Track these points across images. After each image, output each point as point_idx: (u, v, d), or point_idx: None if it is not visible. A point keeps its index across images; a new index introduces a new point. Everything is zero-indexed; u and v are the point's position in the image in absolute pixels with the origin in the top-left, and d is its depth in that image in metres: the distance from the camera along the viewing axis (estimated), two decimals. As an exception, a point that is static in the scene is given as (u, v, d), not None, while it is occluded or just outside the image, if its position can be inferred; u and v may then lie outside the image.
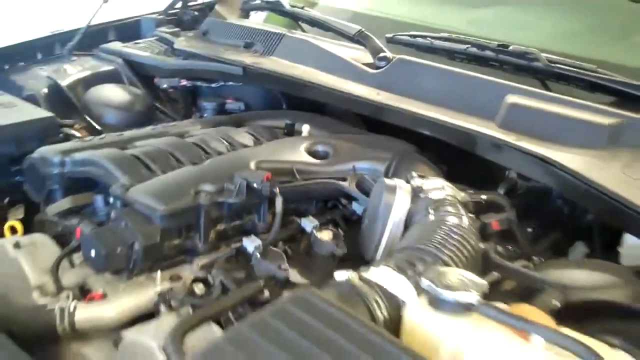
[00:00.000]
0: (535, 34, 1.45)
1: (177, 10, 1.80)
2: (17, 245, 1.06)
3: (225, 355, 0.69)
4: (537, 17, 1.51)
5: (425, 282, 0.79)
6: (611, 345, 0.77)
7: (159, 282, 1.01)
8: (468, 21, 1.54)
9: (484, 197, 1.09)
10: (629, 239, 1.03)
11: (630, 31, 1.36)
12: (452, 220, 0.95)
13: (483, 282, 0.79)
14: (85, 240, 0.99)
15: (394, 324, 0.80)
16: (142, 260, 0.99)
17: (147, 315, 0.97)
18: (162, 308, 0.96)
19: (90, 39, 1.66)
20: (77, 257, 1.09)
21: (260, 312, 0.75)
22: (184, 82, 1.54)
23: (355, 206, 1.14)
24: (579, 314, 0.83)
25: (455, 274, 0.80)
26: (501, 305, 0.79)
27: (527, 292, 0.92)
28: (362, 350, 0.68)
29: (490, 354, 0.73)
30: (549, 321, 0.79)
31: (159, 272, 1.01)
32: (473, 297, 0.77)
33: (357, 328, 0.72)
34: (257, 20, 1.83)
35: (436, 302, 0.78)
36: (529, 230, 1.14)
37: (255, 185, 1.03)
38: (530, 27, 1.50)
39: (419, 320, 0.78)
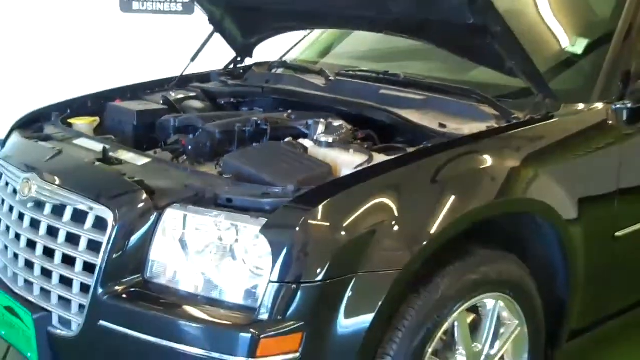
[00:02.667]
0: (416, 69, 2.75)
1: (231, 69, 3.19)
2: (155, 152, 2.40)
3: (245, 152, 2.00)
4: (415, 62, 2.85)
5: (316, 136, 2.10)
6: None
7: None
8: (380, 67, 2.87)
9: (364, 131, 2.37)
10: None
11: (454, 66, 2.66)
12: (339, 130, 2.25)
13: (336, 137, 2.10)
14: (187, 141, 2.31)
15: (305, 155, 2.10)
16: (210, 152, 2.30)
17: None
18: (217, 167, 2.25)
19: (183, 82, 3.05)
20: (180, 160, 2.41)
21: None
22: (232, 100, 2.90)
23: (308, 140, 2.44)
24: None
25: (325, 135, 2.11)
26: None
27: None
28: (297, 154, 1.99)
29: (333, 154, 2.02)
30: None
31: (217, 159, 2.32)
32: (331, 140, 2.07)
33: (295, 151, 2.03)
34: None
35: (320, 144, 2.09)
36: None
37: (259, 122, 2.34)
38: (413, 67, 2.83)
39: (314, 151, 2.08)
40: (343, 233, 1.67)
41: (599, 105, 2.32)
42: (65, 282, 1.88)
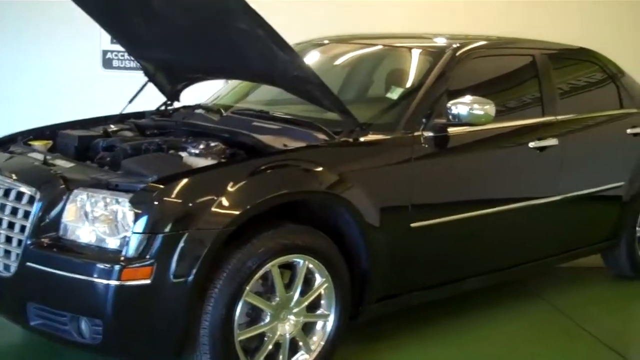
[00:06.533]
0: (293, 110, 3.72)
1: (162, 109, 4.16)
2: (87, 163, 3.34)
3: (136, 158, 2.95)
4: (296, 105, 3.82)
5: (189, 150, 3.05)
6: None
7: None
8: (271, 108, 3.83)
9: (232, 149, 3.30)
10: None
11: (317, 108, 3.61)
12: (214, 147, 3.18)
13: (202, 150, 3.05)
14: (108, 155, 3.26)
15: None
16: (123, 162, 3.25)
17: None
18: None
19: (123, 118, 4.01)
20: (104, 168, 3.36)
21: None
22: (155, 131, 3.85)
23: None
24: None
25: (196, 149, 3.07)
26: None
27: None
28: (170, 160, 2.95)
29: (196, 160, 2.96)
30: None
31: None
32: (197, 151, 3.02)
33: (170, 158, 3.00)
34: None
35: (191, 154, 3.03)
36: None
37: (159, 142, 3.28)
38: (294, 108, 3.79)
39: (186, 159, 3.03)
40: (181, 203, 2.60)
41: (404, 135, 3.27)
42: (8, 240, 2.81)
